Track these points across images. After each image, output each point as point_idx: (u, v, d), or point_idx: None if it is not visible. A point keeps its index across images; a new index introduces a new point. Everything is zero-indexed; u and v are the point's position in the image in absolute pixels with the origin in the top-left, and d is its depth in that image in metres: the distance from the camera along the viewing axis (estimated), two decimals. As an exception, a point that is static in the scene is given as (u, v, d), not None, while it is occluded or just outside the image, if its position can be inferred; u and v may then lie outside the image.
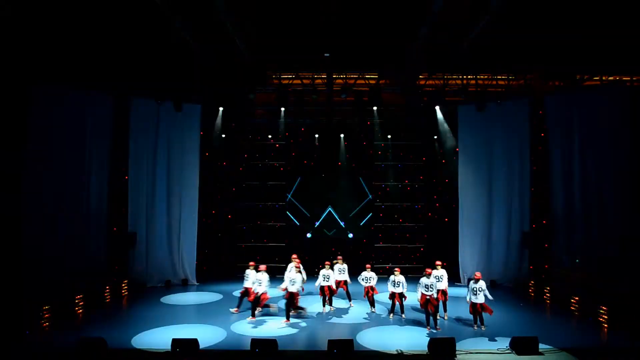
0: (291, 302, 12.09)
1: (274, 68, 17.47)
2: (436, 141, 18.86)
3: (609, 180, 15.30)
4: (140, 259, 16.55)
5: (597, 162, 15.50)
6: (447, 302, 12.64)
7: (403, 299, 12.42)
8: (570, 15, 13.16)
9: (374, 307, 13.22)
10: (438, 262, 12.63)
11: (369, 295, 13.12)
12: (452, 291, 14.47)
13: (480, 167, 17.48)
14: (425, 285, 11.62)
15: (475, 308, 11.53)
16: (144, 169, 16.71)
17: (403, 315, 12.62)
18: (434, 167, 18.99)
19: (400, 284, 12.35)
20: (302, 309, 12.73)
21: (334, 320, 12.50)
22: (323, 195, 19.45)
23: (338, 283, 13.48)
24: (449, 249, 18.03)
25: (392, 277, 12.41)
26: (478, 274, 11.78)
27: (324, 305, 13.32)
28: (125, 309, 13.87)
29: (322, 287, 13.19)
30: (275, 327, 11.70)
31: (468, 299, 11.62)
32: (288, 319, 11.97)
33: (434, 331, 11.37)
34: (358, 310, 13.28)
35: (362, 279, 13.26)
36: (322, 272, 13.22)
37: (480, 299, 11.40)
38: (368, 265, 13.53)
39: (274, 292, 13.56)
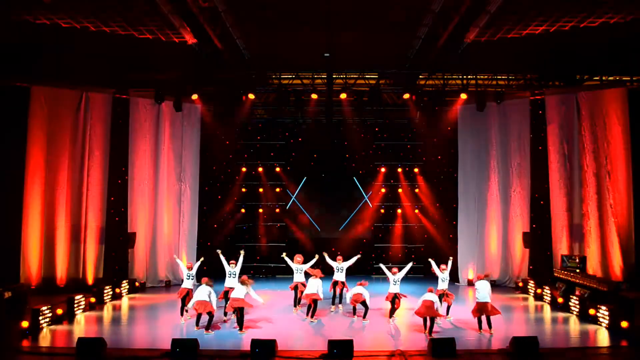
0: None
1: (274, 68, 17.45)
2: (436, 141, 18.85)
3: (609, 179, 15.30)
4: (140, 259, 16.54)
5: (597, 162, 15.50)
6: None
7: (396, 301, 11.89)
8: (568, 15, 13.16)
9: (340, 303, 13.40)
10: (443, 266, 12.32)
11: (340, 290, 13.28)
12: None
13: (480, 167, 17.47)
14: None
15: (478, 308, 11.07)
16: (144, 169, 16.70)
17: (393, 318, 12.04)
18: (434, 167, 18.96)
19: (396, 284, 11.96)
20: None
21: (334, 320, 12.48)
22: (323, 196, 19.43)
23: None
24: (449, 249, 18.01)
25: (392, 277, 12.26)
26: (479, 275, 11.66)
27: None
28: (125, 309, 13.86)
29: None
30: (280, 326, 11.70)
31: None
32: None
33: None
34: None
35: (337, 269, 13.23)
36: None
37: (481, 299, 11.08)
38: (339, 258, 13.51)
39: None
